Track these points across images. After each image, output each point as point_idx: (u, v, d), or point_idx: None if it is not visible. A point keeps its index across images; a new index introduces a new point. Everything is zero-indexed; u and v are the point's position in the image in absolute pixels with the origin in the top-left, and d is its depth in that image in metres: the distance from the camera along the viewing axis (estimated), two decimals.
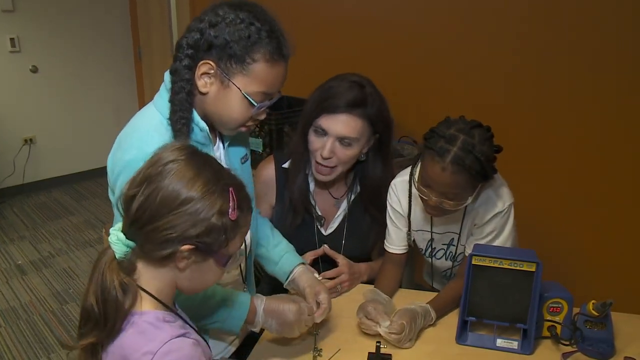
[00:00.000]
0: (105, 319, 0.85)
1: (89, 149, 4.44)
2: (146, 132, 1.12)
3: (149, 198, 0.84)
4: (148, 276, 0.89)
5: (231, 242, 0.90)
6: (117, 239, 0.87)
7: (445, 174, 1.25)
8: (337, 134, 1.46)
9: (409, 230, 1.51)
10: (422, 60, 2.53)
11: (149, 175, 0.86)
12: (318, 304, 1.30)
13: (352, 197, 1.63)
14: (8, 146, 4.11)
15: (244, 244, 1.37)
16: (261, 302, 1.23)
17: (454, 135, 1.25)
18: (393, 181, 1.53)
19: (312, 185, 1.62)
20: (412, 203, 1.48)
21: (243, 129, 1.21)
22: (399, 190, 1.50)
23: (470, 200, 1.32)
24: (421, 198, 1.37)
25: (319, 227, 1.62)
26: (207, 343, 1.02)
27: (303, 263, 1.43)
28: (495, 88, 2.30)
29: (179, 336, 0.86)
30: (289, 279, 1.41)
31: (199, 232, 0.85)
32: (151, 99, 1.21)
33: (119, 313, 0.85)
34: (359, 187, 1.63)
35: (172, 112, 1.11)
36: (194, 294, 1.07)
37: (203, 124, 1.17)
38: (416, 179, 1.36)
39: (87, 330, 0.87)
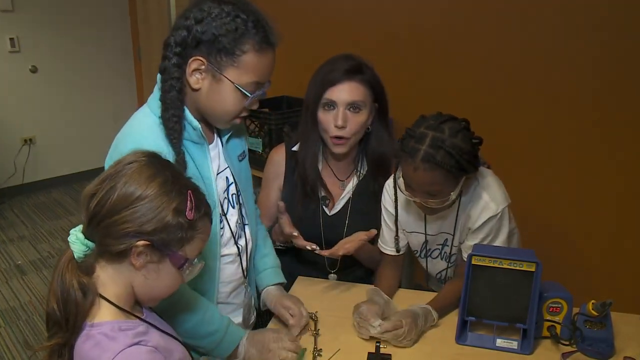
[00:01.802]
0: (66, 320, 0.86)
1: (89, 149, 4.42)
2: (140, 133, 1.13)
3: (107, 194, 0.87)
4: (106, 279, 0.90)
5: (187, 244, 0.92)
6: (76, 239, 0.89)
7: (418, 174, 1.25)
8: (346, 101, 1.52)
9: (397, 234, 1.50)
10: (422, 60, 2.53)
11: (109, 174, 0.89)
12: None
13: (358, 179, 1.65)
14: (8, 146, 4.11)
15: (244, 241, 1.38)
16: (244, 335, 1.25)
17: (423, 133, 1.25)
18: (387, 182, 1.54)
19: (320, 166, 1.66)
20: (397, 206, 1.47)
21: (237, 120, 1.23)
22: (392, 191, 1.49)
23: (454, 195, 1.30)
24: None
25: (323, 207, 1.65)
26: (185, 346, 1.02)
27: (280, 283, 1.47)
28: (494, 87, 2.30)
29: (132, 345, 0.86)
30: (261, 295, 1.47)
31: (154, 228, 0.87)
32: None
33: (79, 313, 0.86)
34: (363, 170, 1.66)
35: (164, 110, 1.12)
36: (191, 315, 1.11)
37: (195, 123, 1.18)
38: (400, 179, 1.36)
39: (52, 333, 0.88)
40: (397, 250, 1.52)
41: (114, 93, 4.54)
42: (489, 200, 1.38)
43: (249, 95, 1.16)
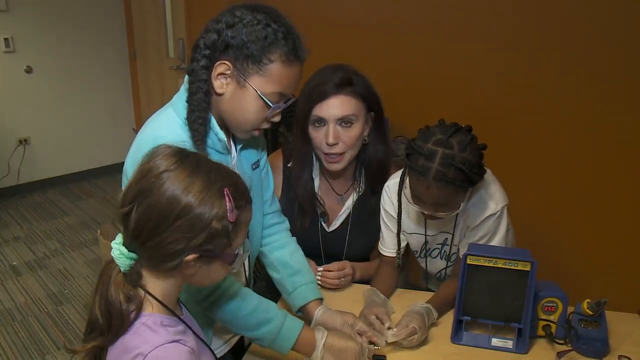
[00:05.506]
0: (109, 328, 0.85)
1: (84, 150, 4.42)
2: (165, 137, 1.09)
3: (145, 214, 0.83)
4: (153, 281, 0.89)
5: (234, 241, 0.89)
6: (119, 253, 0.86)
7: (431, 191, 1.26)
8: (335, 117, 1.47)
9: (398, 232, 1.50)
10: (418, 60, 2.54)
11: (142, 189, 0.84)
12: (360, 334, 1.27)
13: (358, 194, 1.62)
14: (3, 147, 4.09)
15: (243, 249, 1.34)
16: (322, 336, 1.18)
17: (433, 151, 1.24)
18: (386, 183, 1.53)
19: (316, 182, 1.63)
20: (401, 208, 1.47)
21: (256, 132, 1.21)
22: (392, 193, 1.49)
23: (464, 205, 1.33)
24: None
25: (322, 223, 1.63)
26: (212, 351, 1.02)
27: (319, 299, 1.36)
28: (490, 87, 2.31)
29: (173, 342, 0.85)
30: (311, 320, 1.33)
31: (201, 242, 0.84)
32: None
33: (124, 323, 0.86)
34: (362, 184, 1.62)
35: (190, 112, 1.12)
36: (241, 308, 1.13)
37: (222, 135, 1.17)
38: (406, 189, 1.37)
39: (92, 337, 0.87)
40: (398, 253, 1.52)
41: (109, 93, 4.52)
42: (488, 199, 1.39)
43: (271, 105, 1.14)
